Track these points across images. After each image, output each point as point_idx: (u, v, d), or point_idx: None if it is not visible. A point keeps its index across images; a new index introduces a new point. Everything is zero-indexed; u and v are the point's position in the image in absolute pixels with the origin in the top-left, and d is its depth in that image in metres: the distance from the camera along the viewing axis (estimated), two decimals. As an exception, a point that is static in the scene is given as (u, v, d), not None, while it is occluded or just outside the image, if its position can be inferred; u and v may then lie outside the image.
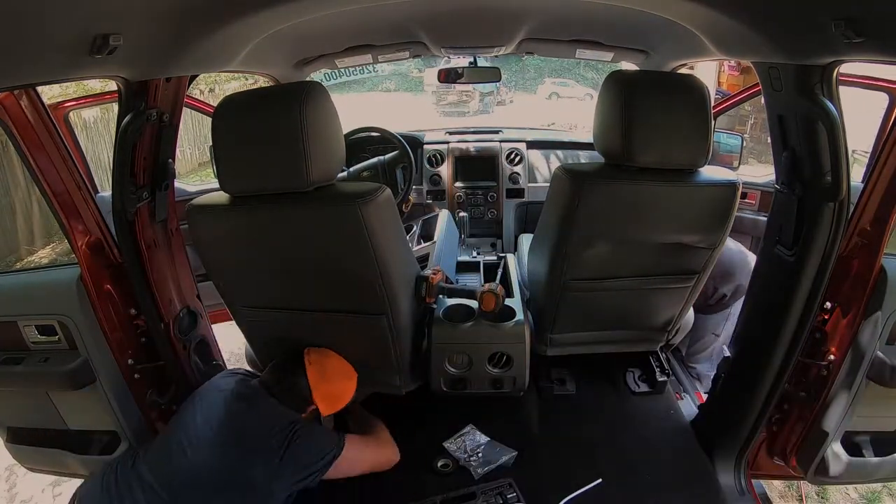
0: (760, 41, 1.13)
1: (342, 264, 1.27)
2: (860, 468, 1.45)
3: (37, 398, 1.52)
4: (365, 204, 1.17)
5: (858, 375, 1.32)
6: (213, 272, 1.37)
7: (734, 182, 1.29)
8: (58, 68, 0.96)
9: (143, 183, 1.37)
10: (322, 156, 1.15)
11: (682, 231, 1.36)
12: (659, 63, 1.95)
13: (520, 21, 1.75)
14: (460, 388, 1.56)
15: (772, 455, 1.53)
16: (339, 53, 2.03)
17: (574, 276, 1.43)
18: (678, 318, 1.60)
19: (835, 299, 1.33)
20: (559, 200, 1.35)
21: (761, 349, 1.40)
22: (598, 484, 1.43)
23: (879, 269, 1.27)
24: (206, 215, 1.26)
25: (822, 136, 1.17)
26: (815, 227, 1.25)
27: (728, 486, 1.50)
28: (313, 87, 1.15)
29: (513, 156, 2.51)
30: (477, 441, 1.56)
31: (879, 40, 0.91)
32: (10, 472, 2.47)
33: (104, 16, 0.92)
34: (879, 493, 2.21)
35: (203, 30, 1.14)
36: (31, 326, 1.45)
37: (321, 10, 1.31)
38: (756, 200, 2.26)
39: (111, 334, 1.45)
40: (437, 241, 1.81)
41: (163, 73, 1.25)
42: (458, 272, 1.85)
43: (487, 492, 1.40)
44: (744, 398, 1.46)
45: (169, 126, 1.37)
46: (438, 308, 1.53)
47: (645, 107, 1.22)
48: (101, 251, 1.43)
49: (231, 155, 1.19)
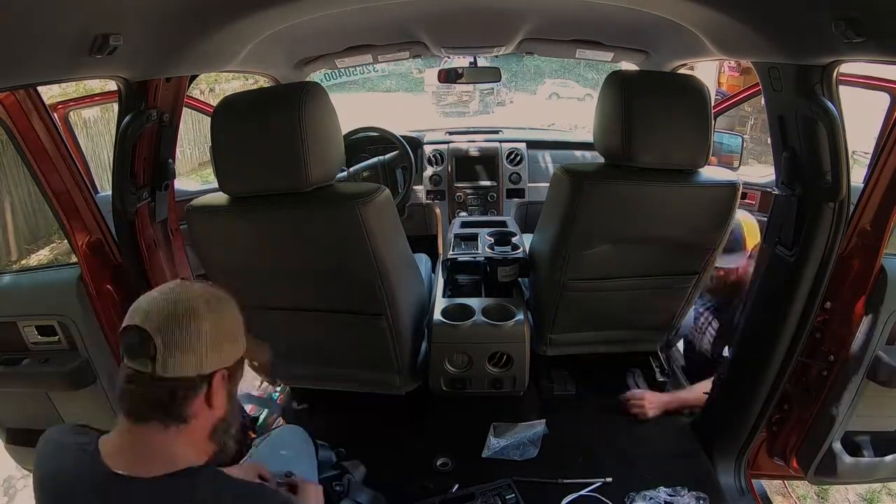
0: (760, 41, 1.13)
1: (341, 265, 1.27)
2: (860, 468, 1.45)
3: (37, 399, 1.52)
4: (364, 204, 1.17)
5: (858, 375, 1.32)
6: (213, 272, 1.37)
7: (734, 182, 1.29)
8: (58, 68, 0.96)
9: (143, 183, 1.37)
10: (321, 156, 1.15)
11: (682, 231, 1.36)
12: (659, 63, 1.95)
13: (520, 21, 1.75)
14: (460, 387, 1.56)
15: (772, 455, 1.53)
16: (339, 53, 2.03)
17: (574, 276, 1.43)
18: (678, 318, 1.60)
19: (835, 299, 1.32)
20: (559, 200, 1.35)
21: (761, 349, 1.40)
22: (599, 484, 1.43)
23: (879, 269, 1.27)
24: (206, 216, 1.26)
25: (822, 136, 1.17)
26: (815, 227, 1.24)
27: (728, 486, 1.50)
28: (312, 88, 1.15)
29: (513, 156, 2.51)
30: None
31: (879, 40, 0.91)
32: (8, 485, 2.44)
33: (104, 16, 0.92)
34: (879, 492, 2.21)
35: (203, 30, 1.14)
36: (31, 327, 1.45)
37: (321, 10, 1.31)
38: (756, 200, 2.26)
39: (111, 334, 1.45)
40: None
41: (163, 73, 1.25)
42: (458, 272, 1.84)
43: (487, 492, 1.40)
44: (744, 398, 1.46)
45: (169, 126, 1.37)
46: (438, 308, 1.54)
47: (645, 107, 1.22)
48: (101, 251, 1.43)
49: (230, 155, 1.19)
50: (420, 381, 1.58)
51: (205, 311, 0.80)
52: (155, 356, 0.76)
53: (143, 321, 0.78)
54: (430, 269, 1.95)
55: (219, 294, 0.85)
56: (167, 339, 0.77)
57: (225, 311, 0.84)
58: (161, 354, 0.76)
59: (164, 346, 0.77)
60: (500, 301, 1.56)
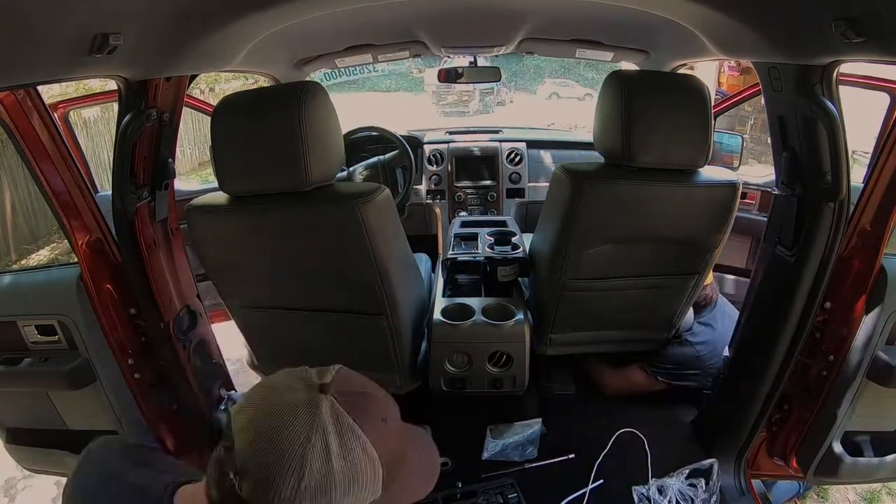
0: (760, 41, 1.13)
1: (341, 264, 1.27)
2: (860, 468, 1.45)
3: (36, 398, 1.52)
4: (364, 204, 1.17)
5: (858, 375, 1.32)
6: (212, 272, 1.37)
7: (734, 182, 1.29)
8: (58, 68, 0.96)
9: (143, 183, 1.36)
10: (321, 156, 1.15)
11: (682, 231, 1.36)
12: (659, 63, 1.95)
13: (520, 21, 1.75)
14: (460, 387, 1.56)
15: (772, 455, 1.53)
16: (339, 53, 2.02)
17: (574, 275, 1.43)
18: (678, 318, 1.60)
19: (835, 299, 1.32)
20: (559, 200, 1.35)
21: (761, 349, 1.40)
22: (600, 484, 1.43)
23: (879, 269, 1.27)
24: (205, 215, 1.26)
25: (822, 136, 1.17)
26: (815, 227, 1.24)
27: (728, 486, 1.50)
28: (312, 87, 1.15)
29: (513, 156, 2.51)
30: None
31: (879, 40, 0.91)
32: (10, 486, 2.42)
33: (104, 15, 0.92)
34: (879, 492, 2.21)
35: (203, 30, 1.14)
36: (31, 326, 1.45)
37: (321, 9, 1.31)
38: (756, 200, 2.26)
39: (111, 334, 1.45)
40: None
41: (163, 72, 1.25)
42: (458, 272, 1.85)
43: (489, 490, 1.40)
44: (744, 398, 1.46)
45: (169, 126, 1.37)
46: (438, 308, 1.54)
47: (645, 107, 1.22)
48: (101, 251, 1.43)
49: (230, 155, 1.19)
50: (420, 381, 1.58)
51: (319, 456, 0.54)
52: (238, 473, 0.55)
53: (242, 420, 0.57)
54: (430, 269, 1.95)
55: (359, 432, 0.56)
56: (254, 464, 0.54)
57: (353, 460, 0.55)
58: (244, 476, 0.55)
59: (245, 470, 0.54)
60: (500, 301, 1.56)
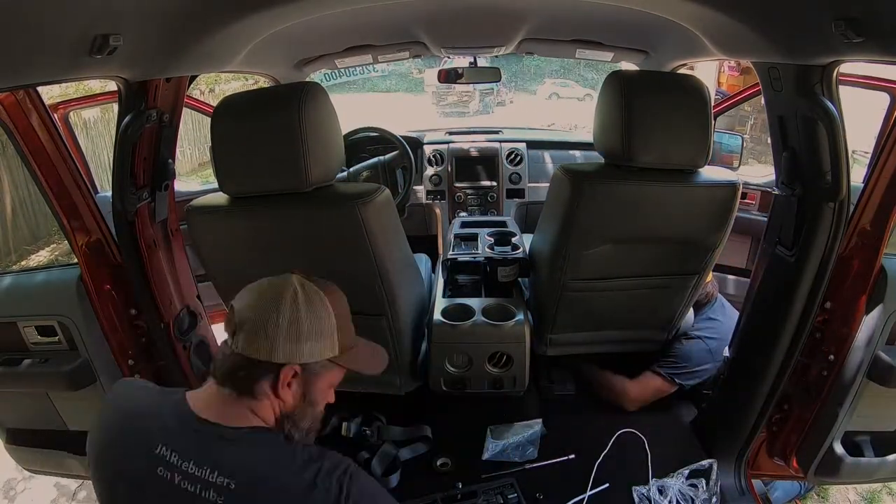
0: (760, 41, 1.13)
1: (341, 265, 1.26)
2: (860, 468, 1.45)
3: (37, 399, 1.52)
4: (364, 205, 1.17)
5: (858, 375, 1.32)
6: (212, 273, 1.37)
7: (734, 182, 1.29)
8: (58, 68, 0.96)
9: (143, 183, 1.37)
10: (321, 156, 1.15)
11: (681, 231, 1.36)
12: (659, 63, 1.95)
13: (520, 21, 1.75)
14: (460, 387, 1.56)
15: (772, 455, 1.53)
16: (339, 53, 2.03)
17: (574, 276, 1.43)
18: (678, 319, 1.60)
19: (835, 299, 1.33)
20: (559, 200, 1.35)
21: (761, 349, 1.40)
22: (601, 485, 1.43)
23: (879, 269, 1.27)
24: (205, 216, 1.26)
25: (822, 136, 1.17)
26: (815, 227, 1.25)
27: (728, 486, 1.50)
28: (312, 88, 1.15)
29: (513, 156, 2.51)
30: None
31: (879, 40, 0.91)
32: (9, 487, 2.42)
33: (104, 16, 0.92)
34: (879, 492, 2.21)
35: (203, 30, 1.14)
36: (31, 327, 1.45)
37: (321, 10, 1.31)
38: (756, 200, 2.26)
39: (111, 335, 1.45)
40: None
41: (163, 73, 1.25)
42: (458, 272, 1.85)
43: (489, 491, 1.40)
44: (744, 398, 1.46)
45: (169, 126, 1.37)
46: (438, 308, 1.54)
47: (645, 107, 1.22)
48: (101, 251, 1.43)
49: (230, 156, 1.19)
50: (420, 381, 1.58)
51: (290, 303, 0.84)
52: (235, 332, 0.84)
53: (238, 300, 0.87)
54: (430, 269, 1.95)
55: (321, 293, 0.88)
56: (247, 319, 0.83)
57: (315, 310, 0.86)
58: (238, 331, 0.83)
59: (241, 325, 0.83)
60: (500, 301, 1.56)
